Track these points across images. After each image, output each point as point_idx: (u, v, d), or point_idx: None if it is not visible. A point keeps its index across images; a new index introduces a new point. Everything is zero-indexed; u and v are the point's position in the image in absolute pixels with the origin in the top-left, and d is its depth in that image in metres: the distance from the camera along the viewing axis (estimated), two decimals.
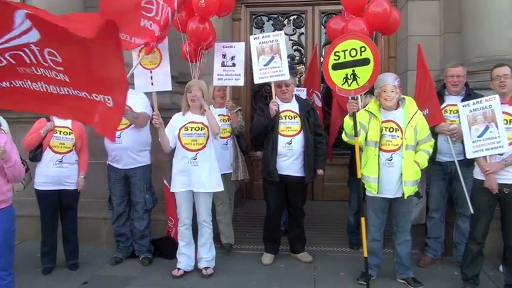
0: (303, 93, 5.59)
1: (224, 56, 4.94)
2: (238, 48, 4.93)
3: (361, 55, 3.99)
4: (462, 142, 4.09)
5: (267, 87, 6.82)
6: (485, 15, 5.24)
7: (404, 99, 4.11)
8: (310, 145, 4.68)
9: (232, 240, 5.24)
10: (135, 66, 4.31)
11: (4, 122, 4.52)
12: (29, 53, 2.73)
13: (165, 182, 5.01)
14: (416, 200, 4.77)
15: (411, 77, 5.70)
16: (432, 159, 4.35)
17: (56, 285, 4.36)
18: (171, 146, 4.39)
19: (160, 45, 4.63)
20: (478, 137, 3.83)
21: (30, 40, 2.65)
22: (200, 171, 4.31)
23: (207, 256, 4.51)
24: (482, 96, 4.04)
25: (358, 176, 4.14)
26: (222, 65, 4.91)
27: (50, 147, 4.49)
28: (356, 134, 4.04)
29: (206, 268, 4.49)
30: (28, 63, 2.78)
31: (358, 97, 4.30)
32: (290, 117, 4.71)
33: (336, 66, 4.09)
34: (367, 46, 3.99)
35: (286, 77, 4.69)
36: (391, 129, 4.03)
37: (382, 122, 4.05)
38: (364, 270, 4.15)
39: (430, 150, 4.12)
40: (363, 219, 4.13)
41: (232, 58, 4.86)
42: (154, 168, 5.02)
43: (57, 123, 4.55)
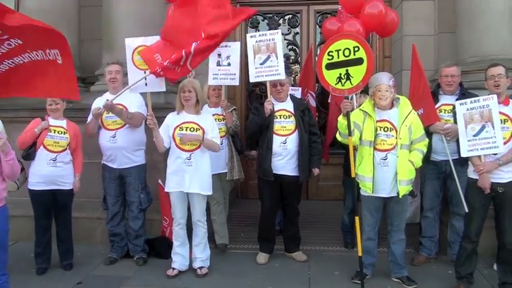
0: (297, 93, 5.59)
1: (219, 55, 4.92)
2: (233, 48, 4.91)
3: (354, 55, 4.00)
4: (457, 141, 4.09)
5: (262, 86, 6.82)
6: (480, 15, 5.27)
7: (398, 98, 4.12)
8: (305, 144, 4.69)
9: (226, 239, 5.24)
10: (127, 88, 4.58)
11: None
12: None
13: (160, 181, 5.00)
14: (411, 199, 4.78)
15: (406, 77, 5.70)
16: (427, 158, 4.36)
17: (50, 286, 4.34)
18: (166, 146, 4.39)
19: None
20: (474, 136, 3.83)
21: None
22: (194, 172, 4.31)
23: (202, 256, 4.51)
24: (476, 95, 4.06)
25: (352, 175, 4.15)
26: (217, 64, 4.89)
27: (44, 146, 4.47)
28: (350, 133, 4.05)
29: (201, 268, 4.49)
30: None
31: (353, 97, 4.30)
32: (285, 117, 4.71)
33: (329, 66, 4.09)
34: (361, 46, 3.99)
35: (281, 76, 4.68)
36: (386, 129, 4.04)
37: (377, 121, 4.06)
38: (358, 269, 4.15)
39: (425, 150, 4.14)
40: (357, 219, 4.14)
41: (228, 57, 4.83)
42: (149, 167, 5.01)
43: (52, 122, 4.55)
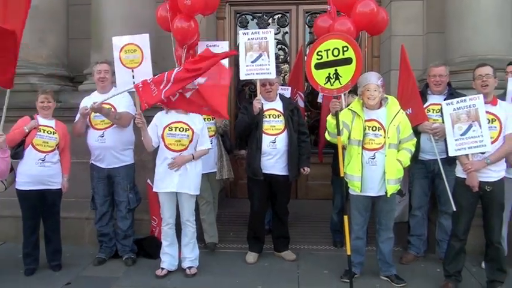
0: (287, 92, 5.59)
1: None
2: (222, 47, 4.90)
3: (343, 55, 3.99)
4: (445, 141, 4.11)
5: (251, 86, 6.82)
6: (470, 14, 5.29)
7: (387, 98, 4.14)
8: (294, 144, 4.69)
9: (216, 239, 5.23)
10: (116, 94, 4.50)
11: None
12: None
13: (149, 181, 4.97)
14: (399, 198, 4.82)
15: (394, 77, 5.70)
16: (415, 157, 4.39)
17: (38, 287, 4.30)
18: (154, 145, 4.37)
19: (142, 44, 4.62)
20: (461, 135, 3.86)
21: None
22: (183, 172, 4.29)
23: (191, 256, 4.49)
24: (465, 95, 4.08)
25: (341, 174, 4.16)
26: None
27: (33, 146, 4.42)
28: (339, 133, 4.06)
29: (190, 268, 4.47)
30: None
31: (342, 96, 4.31)
32: (274, 116, 4.72)
33: (318, 66, 4.09)
34: (350, 46, 3.99)
35: (272, 75, 4.69)
36: (374, 128, 4.05)
37: (365, 121, 4.08)
38: (347, 268, 4.15)
39: (413, 149, 4.15)
40: (346, 218, 4.15)
41: None
42: (137, 167, 4.98)
43: (41, 122, 4.50)
